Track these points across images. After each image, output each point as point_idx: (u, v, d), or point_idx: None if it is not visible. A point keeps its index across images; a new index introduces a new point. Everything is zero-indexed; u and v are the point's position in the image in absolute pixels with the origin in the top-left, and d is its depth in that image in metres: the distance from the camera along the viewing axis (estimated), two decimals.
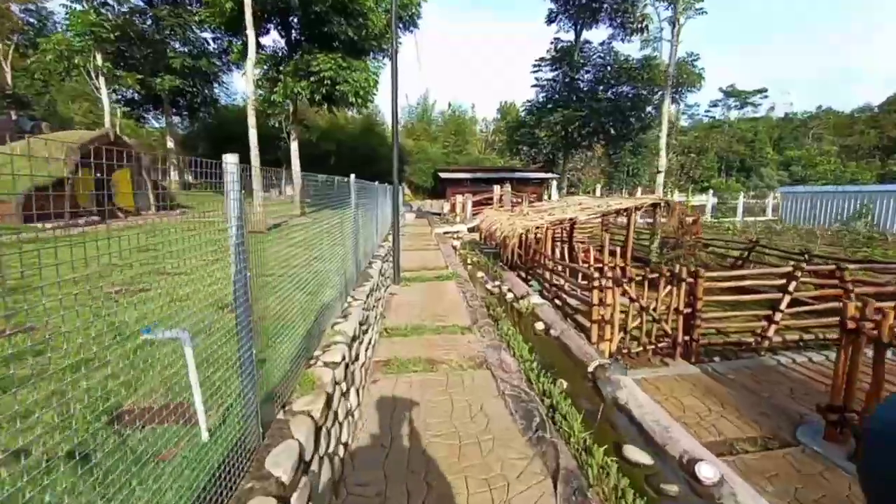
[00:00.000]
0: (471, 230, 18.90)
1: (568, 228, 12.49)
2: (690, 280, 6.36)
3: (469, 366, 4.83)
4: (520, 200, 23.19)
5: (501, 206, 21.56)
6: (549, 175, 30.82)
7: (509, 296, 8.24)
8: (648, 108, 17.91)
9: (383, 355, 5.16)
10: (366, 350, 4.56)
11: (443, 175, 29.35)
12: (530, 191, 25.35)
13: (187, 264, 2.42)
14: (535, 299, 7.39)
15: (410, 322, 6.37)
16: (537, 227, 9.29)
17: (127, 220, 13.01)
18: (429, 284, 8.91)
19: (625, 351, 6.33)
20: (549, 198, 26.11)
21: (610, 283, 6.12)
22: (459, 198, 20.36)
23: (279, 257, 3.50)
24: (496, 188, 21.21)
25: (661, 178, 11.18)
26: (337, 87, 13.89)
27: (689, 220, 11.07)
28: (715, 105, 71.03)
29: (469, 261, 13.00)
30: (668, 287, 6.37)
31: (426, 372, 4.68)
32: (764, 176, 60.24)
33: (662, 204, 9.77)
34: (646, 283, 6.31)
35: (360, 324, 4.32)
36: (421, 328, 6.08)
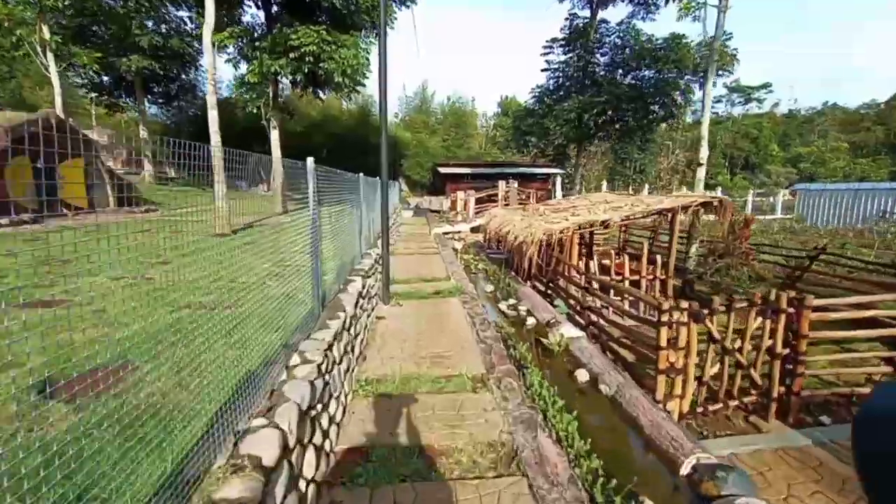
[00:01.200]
0: (474, 230, 17.06)
1: (588, 232, 10.69)
2: (791, 310, 4.56)
3: (490, 464, 3.01)
4: (526, 197, 21.38)
5: (506, 204, 19.73)
6: (555, 170, 28.93)
7: (530, 321, 6.43)
8: (675, 94, 15.96)
9: (355, 435, 3.34)
10: (317, 449, 2.73)
11: (442, 170, 27.43)
12: (536, 187, 23.50)
13: None
14: (568, 329, 5.58)
15: (400, 367, 4.55)
16: (562, 231, 7.47)
17: (74, 218, 11.17)
18: (426, 303, 7.09)
19: (700, 410, 4.54)
20: (554, 195, 24.28)
21: (685, 318, 4.30)
22: (461, 194, 18.50)
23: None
24: (501, 184, 19.39)
25: (702, 172, 9.31)
26: (321, 65, 11.95)
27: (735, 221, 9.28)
28: (718, 101, 69.32)
29: (473, 268, 11.18)
30: (759, 319, 4.58)
31: (420, 480, 2.86)
32: (772, 173, 58.74)
33: (716, 203, 7.94)
34: (731, 315, 4.50)
35: (306, 411, 2.50)
36: (413, 380, 4.26)
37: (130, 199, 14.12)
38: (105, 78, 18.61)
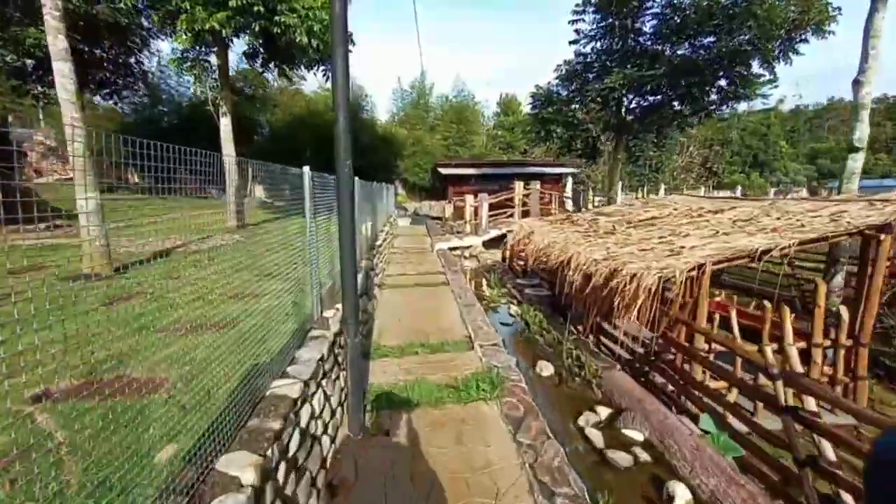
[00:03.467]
0: (487, 244, 13.50)
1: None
2: None
3: None
4: (547, 200, 17.89)
5: (525, 210, 16.22)
6: (568, 170, 25.47)
7: (677, 493, 2.85)
8: (752, 64, 12.22)
9: None
10: None
11: (443, 170, 23.90)
12: (548, 188, 19.92)
13: None
14: None
15: None
16: (693, 270, 3.95)
17: None
18: (437, 427, 3.54)
19: None
20: (582, 200, 20.73)
21: None
22: (470, 198, 15.03)
23: None
24: (518, 185, 15.90)
25: (857, 163, 5.79)
26: (276, 20, 8.45)
27: None
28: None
29: (501, 311, 7.62)
30: None
31: None
32: (789, 170, 55.91)
33: None
34: None
35: None
36: None
37: (32, 212, 10.48)
38: (28, 60, 15.04)
